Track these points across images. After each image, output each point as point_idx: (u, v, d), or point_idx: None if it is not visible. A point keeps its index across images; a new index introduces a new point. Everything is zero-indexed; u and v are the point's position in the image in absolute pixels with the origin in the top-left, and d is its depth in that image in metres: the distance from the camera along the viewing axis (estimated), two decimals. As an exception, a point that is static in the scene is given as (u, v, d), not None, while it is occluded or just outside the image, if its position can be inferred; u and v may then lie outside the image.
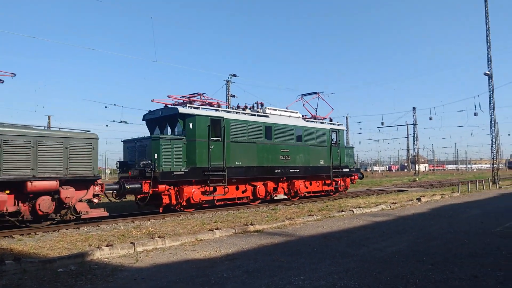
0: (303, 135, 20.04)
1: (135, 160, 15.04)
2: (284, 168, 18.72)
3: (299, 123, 20.35)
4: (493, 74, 32.19)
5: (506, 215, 13.23)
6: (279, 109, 20.32)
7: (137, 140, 15.53)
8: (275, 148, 18.49)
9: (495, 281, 5.84)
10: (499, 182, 32.35)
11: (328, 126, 21.95)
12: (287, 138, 19.21)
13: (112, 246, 8.15)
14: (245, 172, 17.06)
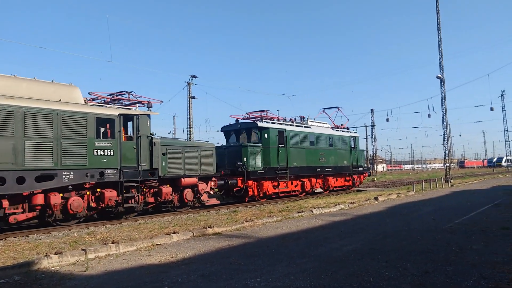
0: (333, 142, 25.39)
1: (225, 162, 19.43)
2: (322, 168, 23.83)
3: (330, 132, 25.71)
4: (444, 78, 33.63)
5: (456, 212, 13.78)
6: (316, 121, 25.88)
7: (226, 147, 20.59)
8: (316, 152, 23.54)
9: (445, 276, 6.02)
10: (451, 180, 33.82)
11: (349, 134, 27.51)
12: (323, 144, 24.41)
13: (62, 254, 7.75)
14: (299, 171, 22.02)
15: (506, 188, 25.34)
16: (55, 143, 12.06)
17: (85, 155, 12.73)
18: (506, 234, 9.35)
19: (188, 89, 36.45)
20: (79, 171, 12.56)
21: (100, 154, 13.09)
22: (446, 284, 5.64)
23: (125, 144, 13.89)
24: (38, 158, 11.70)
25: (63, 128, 12.28)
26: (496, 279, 5.77)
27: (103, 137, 13.52)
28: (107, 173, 13.23)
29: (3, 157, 10.93)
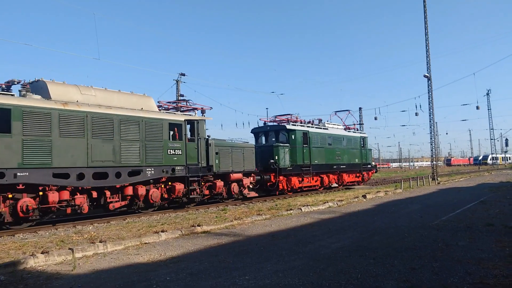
0: (346, 141, 28.31)
1: (257, 160, 20.87)
2: (337, 165, 26.81)
3: (344, 133, 28.58)
4: (432, 77, 34.01)
5: (443, 209, 13.96)
6: (331, 123, 28.57)
7: (258, 146, 22.09)
8: (333, 151, 26.52)
9: (431, 272, 6.10)
10: (438, 178, 34.26)
11: (359, 135, 30.53)
12: (339, 143, 27.36)
13: (48, 253, 7.67)
14: (319, 168, 24.94)
15: (492, 185, 25.75)
16: (141, 144, 14.67)
17: (161, 154, 15.35)
18: (491, 230, 9.51)
19: (177, 87, 36.25)
20: (157, 168, 15.19)
21: (172, 153, 15.72)
22: (432, 280, 5.72)
23: (189, 145, 16.44)
24: (130, 157, 14.30)
25: (146, 132, 14.85)
26: (481, 275, 5.87)
27: (173, 139, 15.99)
28: (177, 169, 15.87)
29: (107, 156, 13.57)
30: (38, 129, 12.02)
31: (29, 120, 11.80)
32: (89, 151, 13.17)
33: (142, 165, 14.63)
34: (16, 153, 11.50)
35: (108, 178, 13.56)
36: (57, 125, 12.45)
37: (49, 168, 12.19)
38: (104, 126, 13.57)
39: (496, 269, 6.15)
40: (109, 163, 13.62)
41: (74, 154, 12.82)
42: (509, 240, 8.27)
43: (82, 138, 13.01)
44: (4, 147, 11.27)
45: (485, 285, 5.41)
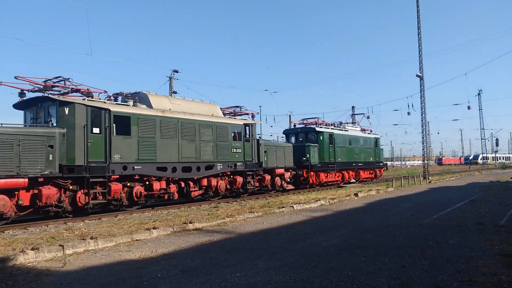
0: (363, 142, 32.06)
1: None
2: (356, 163, 30.50)
3: (361, 134, 32.38)
4: (424, 76, 34.21)
5: (434, 208, 14.07)
6: (350, 125, 32.47)
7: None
8: (352, 150, 30.10)
9: (421, 270, 6.15)
10: (429, 177, 34.51)
11: (373, 136, 34.20)
12: (357, 144, 30.98)
13: (38, 250, 7.62)
14: (341, 165, 28.49)
15: (482, 184, 26.00)
16: (213, 144, 18.05)
17: (227, 152, 18.76)
18: (480, 229, 9.60)
19: (170, 83, 36.12)
20: (225, 163, 18.64)
21: (234, 151, 19.13)
22: (422, 278, 5.77)
23: (246, 144, 19.86)
24: (206, 154, 17.68)
25: (217, 134, 18.25)
26: (470, 273, 5.92)
27: (234, 139, 19.23)
28: (238, 165, 19.33)
29: (191, 154, 16.91)
30: (147, 132, 15.29)
31: (142, 125, 15.10)
32: (180, 149, 16.49)
33: (214, 161, 18.12)
34: (134, 150, 14.80)
35: (191, 171, 16.95)
36: (159, 129, 15.72)
37: (154, 162, 15.47)
38: (189, 130, 16.94)
39: (485, 267, 6.21)
40: (192, 159, 17.00)
41: (170, 152, 16.07)
42: (498, 239, 8.36)
43: (174, 139, 16.31)
44: (127, 146, 14.51)
45: (474, 283, 5.47)
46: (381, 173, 36.06)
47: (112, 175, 14.07)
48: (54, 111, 13.45)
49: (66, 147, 12.98)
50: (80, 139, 13.22)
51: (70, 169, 12.93)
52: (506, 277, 5.67)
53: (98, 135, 13.81)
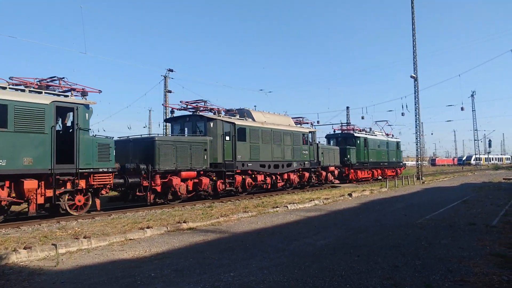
0: (388, 145, 38.10)
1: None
2: (382, 163, 36.60)
3: (386, 138, 38.45)
4: (418, 77, 34.40)
5: (427, 208, 14.17)
6: (378, 131, 37.93)
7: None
8: (380, 152, 36.29)
9: (413, 270, 6.19)
10: (423, 178, 34.70)
11: (395, 140, 40.39)
12: (383, 146, 37.19)
13: (31, 249, 7.57)
14: (372, 165, 34.48)
15: (474, 185, 26.21)
16: (291, 148, 23.56)
17: (299, 153, 24.25)
18: (472, 229, 9.68)
19: (165, 82, 36.08)
20: (298, 162, 24.07)
21: (303, 153, 24.66)
22: (415, 277, 5.81)
23: (310, 147, 25.40)
24: (287, 155, 23.25)
25: (293, 140, 23.84)
26: (462, 273, 5.98)
27: (303, 144, 24.78)
28: (306, 163, 24.85)
29: (279, 155, 22.48)
30: (255, 139, 20.84)
31: (252, 134, 20.65)
32: (272, 152, 22.07)
33: (292, 160, 23.58)
34: (248, 152, 20.24)
35: (279, 168, 22.46)
36: (261, 136, 21.34)
37: (258, 161, 20.96)
38: (277, 137, 22.53)
39: (476, 267, 6.27)
40: (279, 159, 22.55)
41: (267, 153, 21.64)
42: (490, 239, 8.44)
43: (269, 144, 21.87)
44: (244, 149, 19.95)
45: (466, 283, 5.52)
46: (401, 171, 41.49)
47: (236, 169, 19.38)
48: (202, 125, 18.80)
49: (212, 150, 18.19)
50: (220, 144, 18.63)
51: (214, 165, 18.31)
52: (497, 277, 5.72)
53: (228, 141, 19.28)
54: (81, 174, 12.83)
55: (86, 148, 12.98)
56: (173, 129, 20.48)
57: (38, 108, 11.98)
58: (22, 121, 11.61)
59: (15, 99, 11.56)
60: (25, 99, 11.83)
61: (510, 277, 5.68)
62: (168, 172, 16.30)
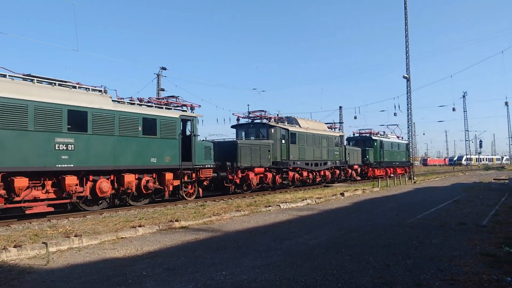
0: (399, 146, 42.44)
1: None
2: (395, 162, 40.79)
3: (398, 140, 42.80)
4: (410, 77, 34.61)
5: (418, 208, 14.26)
6: (390, 134, 42.38)
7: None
8: (393, 153, 40.38)
9: (404, 269, 6.23)
10: (414, 177, 34.97)
11: (405, 142, 44.32)
12: (396, 148, 41.43)
13: (21, 247, 7.50)
14: (386, 164, 38.50)
15: (465, 185, 26.44)
16: (327, 149, 28.21)
17: (332, 154, 28.83)
18: (463, 229, 9.77)
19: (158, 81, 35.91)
20: (331, 161, 28.75)
21: (335, 154, 29.23)
22: (406, 276, 5.84)
23: (340, 148, 30.08)
24: (324, 155, 27.82)
25: (328, 143, 28.47)
26: (452, 272, 6.03)
27: (335, 145, 29.35)
28: (337, 162, 29.56)
29: (318, 155, 26.87)
30: (302, 142, 25.42)
31: (300, 138, 25.23)
32: (313, 152, 26.54)
33: (327, 160, 28.25)
34: (297, 153, 24.79)
35: (318, 166, 27.05)
36: (305, 139, 25.83)
37: (304, 160, 25.43)
38: (316, 140, 27.12)
39: (466, 266, 6.32)
40: (318, 159, 27.05)
41: (309, 154, 26.08)
42: (480, 239, 8.52)
43: (311, 146, 26.41)
44: (294, 150, 24.40)
45: (456, 282, 5.56)
46: (408, 170, 45.71)
47: (289, 167, 23.96)
48: (264, 131, 23.51)
49: (273, 151, 22.79)
50: (278, 147, 23.24)
51: (274, 163, 22.93)
52: (487, 276, 5.78)
53: (284, 144, 23.67)
54: (194, 169, 17.37)
55: (198, 150, 17.46)
56: (238, 134, 25.02)
57: (172, 120, 16.48)
58: (164, 130, 16.06)
59: (160, 114, 15.99)
60: (166, 114, 16.31)
61: (500, 276, 5.74)
62: (246, 168, 20.94)
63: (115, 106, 14.42)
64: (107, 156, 13.91)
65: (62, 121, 12.70)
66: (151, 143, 15.40)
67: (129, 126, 14.67)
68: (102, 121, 13.84)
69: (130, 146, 14.68)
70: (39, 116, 12.13)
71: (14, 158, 11.56)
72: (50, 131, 12.38)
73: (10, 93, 11.60)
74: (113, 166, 14.14)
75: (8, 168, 11.48)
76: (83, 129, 13.27)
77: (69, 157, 12.81)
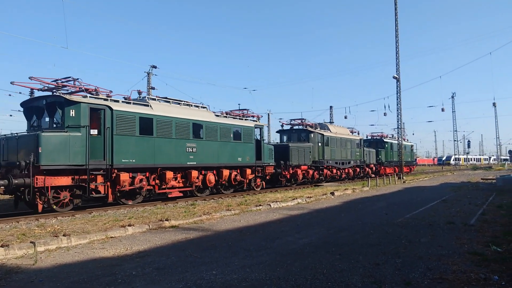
0: (406, 148, 46.39)
1: None
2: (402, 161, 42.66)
3: (405, 143, 46.30)
4: (400, 78, 34.88)
5: (407, 207, 14.38)
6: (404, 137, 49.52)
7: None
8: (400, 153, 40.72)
9: (394, 268, 6.27)
10: (404, 177, 35.24)
11: (410, 144, 51.38)
12: (406, 150, 46.77)
13: (8, 247, 7.41)
14: (395, 163, 42.50)
15: (454, 185, 26.71)
16: (351, 150, 33.97)
17: (355, 155, 34.52)
18: (451, 228, 9.87)
19: (148, 79, 35.65)
20: (353, 161, 34.20)
21: (356, 154, 34.64)
22: (395, 275, 5.89)
23: (359, 150, 34.99)
24: (349, 156, 33.54)
25: (351, 145, 33.96)
26: (440, 271, 6.08)
27: (356, 147, 34.87)
28: (358, 161, 34.87)
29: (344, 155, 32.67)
30: (333, 144, 30.80)
31: (331, 140, 30.66)
32: (341, 153, 32.02)
33: (351, 159, 33.80)
34: (330, 154, 30.18)
35: (344, 165, 32.42)
36: (335, 142, 31.13)
37: (334, 160, 30.80)
38: (342, 143, 32.45)
39: (455, 265, 6.39)
40: (344, 159, 32.61)
41: (338, 154, 31.58)
42: (468, 238, 8.61)
43: (339, 148, 31.65)
44: (328, 151, 29.94)
45: (444, 281, 5.62)
46: (414, 168, 53.68)
47: (324, 165, 29.64)
48: (305, 135, 28.83)
49: (313, 152, 28.30)
50: (316, 149, 28.90)
51: (313, 162, 28.45)
52: (474, 274, 5.84)
53: (320, 146, 29.31)
54: (263, 166, 22.42)
55: (265, 151, 22.55)
56: (281, 137, 30.58)
57: (250, 129, 21.65)
58: (245, 136, 21.14)
59: (242, 124, 21.27)
60: (246, 124, 21.55)
61: (487, 275, 5.81)
62: (295, 166, 26.10)
63: (217, 119, 19.66)
64: (213, 156, 18.97)
65: (190, 131, 17.69)
66: (237, 146, 20.54)
67: (225, 134, 19.77)
68: (210, 130, 18.87)
69: (226, 148, 19.78)
70: (178, 128, 17.08)
71: (165, 158, 16.46)
72: (183, 138, 17.34)
73: (164, 113, 16.66)
74: (217, 163, 19.26)
75: (163, 164, 16.39)
76: (200, 136, 18.35)
77: (194, 157, 17.88)
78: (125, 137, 14.89)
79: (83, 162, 13.53)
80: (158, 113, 16.25)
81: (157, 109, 16.43)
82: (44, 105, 14.00)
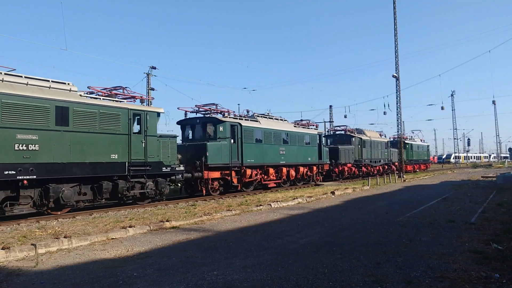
0: (422, 148, 54.05)
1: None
2: (420, 160, 53.15)
3: (420, 143, 53.62)
4: (400, 77, 34.89)
5: (408, 205, 14.39)
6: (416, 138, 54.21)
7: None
8: (418, 153, 51.38)
9: (395, 267, 6.28)
10: (404, 176, 35.23)
11: (426, 144, 56.67)
12: (420, 149, 53.37)
13: (9, 249, 7.41)
14: (414, 161, 50.68)
15: (454, 183, 26.71)
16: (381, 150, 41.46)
17: (383, 154, 41.71)
18: (452, 226, 9.88)
19: (147, 80, 35.62)
20: (383, 159, 41.62)
21: (385, 154, 41.78)
22: (396, 274, 5.89)
23: (387, 149, 42.65)
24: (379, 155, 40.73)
25: (382, 145, 41.62)
26: (442, 269, 6.09)
27: (385, 148, 42.10)
28: (386, 160, 42.00)
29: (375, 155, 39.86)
30: (368, 146, 37.73)
31: (366, 144, 37.23)
32: (373, 153, 38.33)
33: (380, 158, 39.77)
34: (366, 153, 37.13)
35: (376, 163, 38.66)
36: (369, 145, 37.68)
37: (368, 159, 37.26)
38: (376, 145, 39.01)
39: (456, 263, 6.39)
40: (376, 158, 38.97)
41: (371, 154, 37.78)
42: (468, 236, 8.62)
43: (371, 149, 37.70)
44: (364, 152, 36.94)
45: (445, 279, 5.62)
46: (429, 166, 59.23)
47: (363, 163, 35.66)
48: (348, 139, 34.83)
49: (355, 153, 34.68)
50: (356, 150, 34.76)
51: (355, 161, 34.35)
52: (475, 273, 5.85)
53: (359, 147, 35.24)
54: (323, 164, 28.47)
55: (324, 153, 28.57)
56: (327, 141, 36.18)
57: (315, 135, 27.93)
58: (312, 141, 27.35)
59: (311, 132, 27.46)
60: (313, 132, 27.73)
61: (488, 273, 5.81)
62: (342, 164, 32.51)
63: (295, 129, 25.95)
64: (294, 157, 25.04)
65: (281, 138, 23.93)
66: (308, 149, 26.64)
67: (301, 140, 25.93)
68: (292, 137, 25.01)
69: (301, 151, 25.76)
70: (275, 136, 23.40)
71: (269, 158, 22.68)
72: (278, 144, 23.53)
73: (267, 126, 23.23)
74: (296, 162, 25.26)
75: (267, 163, 22.62)
76: (286, 142, 24.37)
77: (284, 157, 24.00)
78: (248, 144, 21.08)
79: (228, 162, 19.51)
80: (264, 126, 22.76)
81: (263, 123, 22.92)
82: (200, 123, 20.37)
